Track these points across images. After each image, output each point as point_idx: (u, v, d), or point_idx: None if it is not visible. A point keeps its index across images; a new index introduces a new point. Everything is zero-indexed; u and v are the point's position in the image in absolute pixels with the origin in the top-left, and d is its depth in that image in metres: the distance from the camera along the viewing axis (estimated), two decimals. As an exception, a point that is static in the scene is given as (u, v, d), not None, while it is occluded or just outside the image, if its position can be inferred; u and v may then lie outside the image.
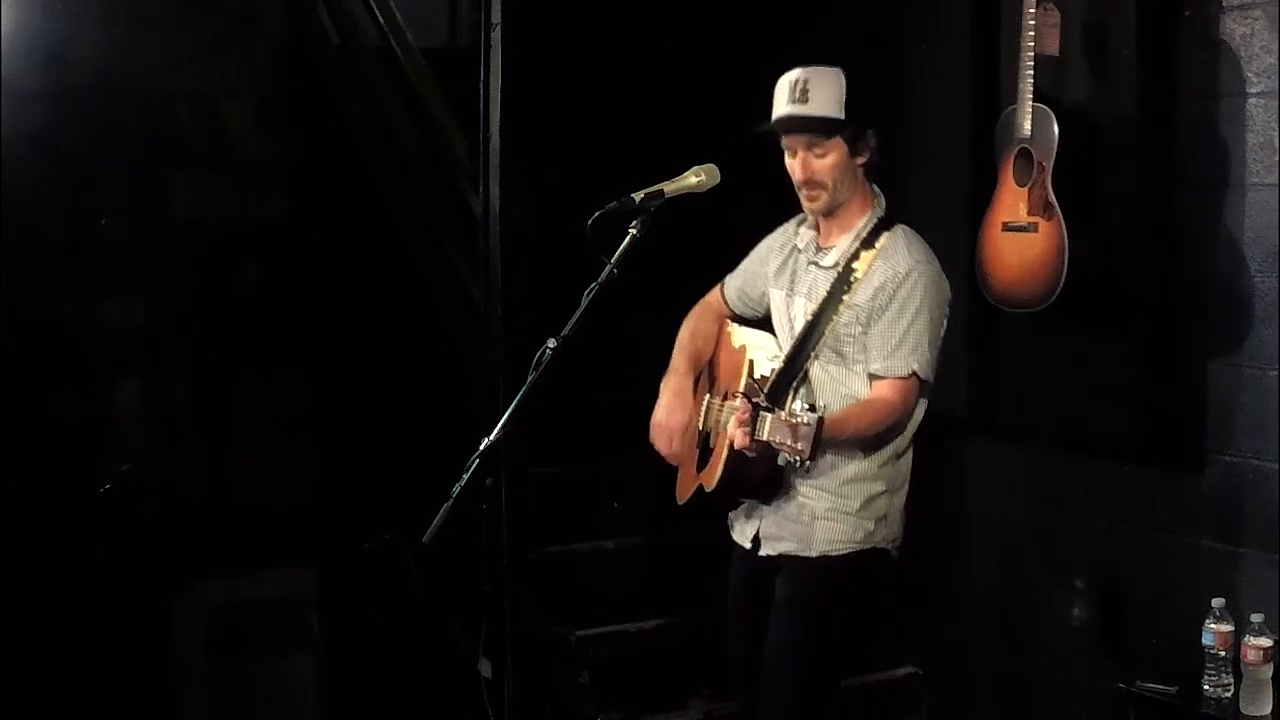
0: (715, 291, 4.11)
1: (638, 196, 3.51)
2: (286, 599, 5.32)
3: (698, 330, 4.04)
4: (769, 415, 3.39)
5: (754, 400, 3.46)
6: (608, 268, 3.39)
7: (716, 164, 3.67)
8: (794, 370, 3.72)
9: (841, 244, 3.75)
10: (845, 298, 3.68)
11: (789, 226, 3.95)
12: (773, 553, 3.79)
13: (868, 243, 3.71)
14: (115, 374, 5.19)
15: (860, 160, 3.71)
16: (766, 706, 3.78)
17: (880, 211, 3.76)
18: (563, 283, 3.55)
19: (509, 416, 3.26)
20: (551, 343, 3.30)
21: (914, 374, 3.63)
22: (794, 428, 3.32)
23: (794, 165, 3.72)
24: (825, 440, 3.47)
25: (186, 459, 5.35)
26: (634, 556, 5.07)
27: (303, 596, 5.34)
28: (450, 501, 3.15)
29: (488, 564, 4.15)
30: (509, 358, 4.36)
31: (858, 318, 3.67)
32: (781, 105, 3.70)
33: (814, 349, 3.71)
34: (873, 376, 3.67)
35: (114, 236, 5.10)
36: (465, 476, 3.19)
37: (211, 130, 5.44)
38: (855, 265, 3.69)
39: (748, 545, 3.85)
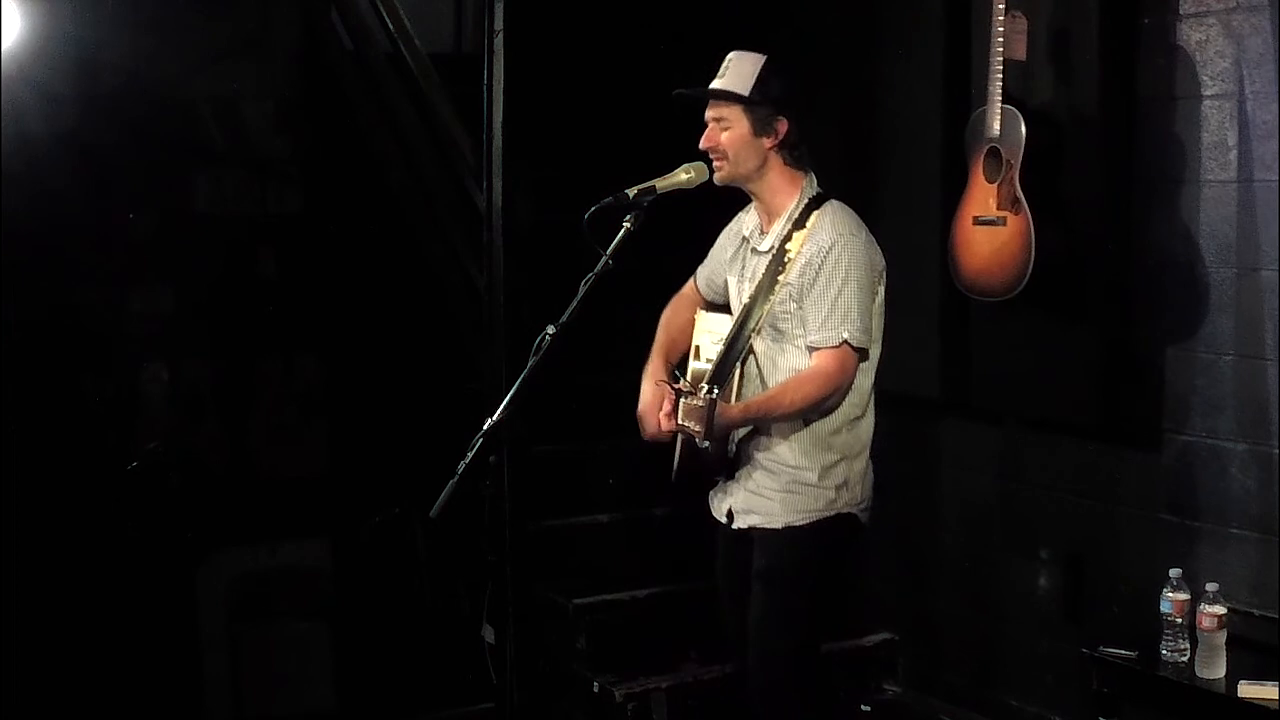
0: (690, 281, 4.08)
1: (631, 192, 3.51)
2: (302, 568, 5.31)
3: (670, 322, 3.98)
4: (682, 401, 3.43)
5: (674, 386, 3.49)
6: (603, 259, 3.40)
7: (704, 162, 3.65)
8: (734, 351, 3.68)
9: (776, 228, 3.72)
10: (780, 278, 3.64)
11: (740, 215, 3.92)
12: (745, 526, 3.77)
13: (799, 223, 3.67)
14: (143, 358, 5.18)
15: (768, 142, 3.65)
16: (754, 673, 3.77)
17: (811, 192, 3.71)
18: (561, 272, 3.54)
19: (510, 398, 3.25)
20: (550, 329, 3.30)
21: (845, 342, 3.58)
22: (695, 410, 3.35)
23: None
24: (761, 417, 3.56)
25: (210, 437, 5.34)
26: (628, 529, 5.05)
27: (318, 566, 5.34)
28: (455, 478, 3.15)
29: (491, 536, 4.11)
30: (510, 343, 4.34)
31: (791, 295, 3.63)
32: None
33: (753, 329, 3.67)
34: (810, 349, 3.63)
35: (142, 230, 5.09)
36: (470, 454, 3.19)
37: (232, 130, 5.42)
38: (789, 246, 3.65)
39: (724, 520, 3.83)
